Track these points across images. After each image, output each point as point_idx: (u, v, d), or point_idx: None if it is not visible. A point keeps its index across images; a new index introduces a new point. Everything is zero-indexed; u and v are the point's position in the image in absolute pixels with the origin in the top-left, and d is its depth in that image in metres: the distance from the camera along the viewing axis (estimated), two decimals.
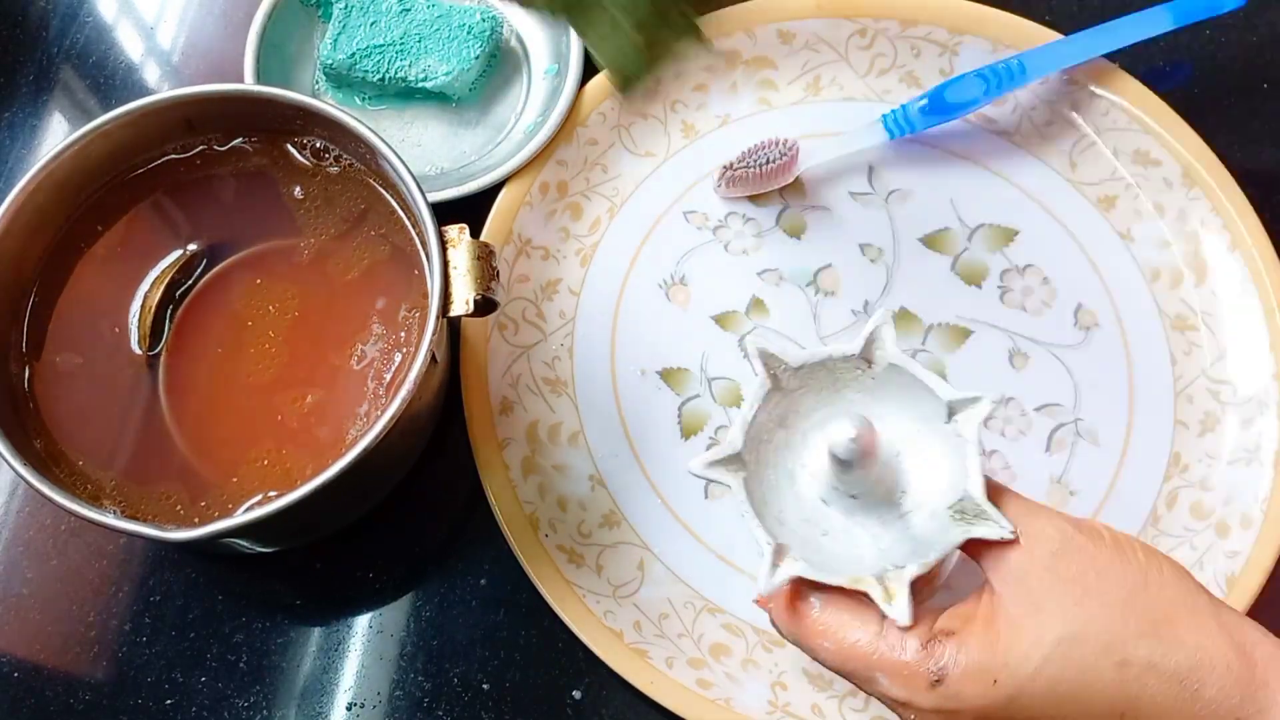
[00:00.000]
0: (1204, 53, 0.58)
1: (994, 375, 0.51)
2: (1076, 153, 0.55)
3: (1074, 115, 0.55)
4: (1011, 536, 0.35)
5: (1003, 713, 0.34)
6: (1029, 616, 0.34)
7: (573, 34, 0.56)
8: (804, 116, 0.57)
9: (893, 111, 0.54)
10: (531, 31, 0.59)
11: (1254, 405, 0.50)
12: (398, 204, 0.47)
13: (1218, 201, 0.52)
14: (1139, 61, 0.56)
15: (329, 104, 0.46)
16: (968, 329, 0.52)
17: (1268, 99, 0.57)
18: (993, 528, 0.35)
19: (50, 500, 0.40)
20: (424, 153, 0.57)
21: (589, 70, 0.56)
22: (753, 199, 0.55)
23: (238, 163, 0.48)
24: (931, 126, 0.54)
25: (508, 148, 0.56)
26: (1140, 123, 0.54)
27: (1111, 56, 0.55)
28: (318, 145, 0.48)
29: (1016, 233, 0.54)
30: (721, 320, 0.53)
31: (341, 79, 0.57)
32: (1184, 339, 0.52)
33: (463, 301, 0.43)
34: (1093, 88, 0.55)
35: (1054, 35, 0.56)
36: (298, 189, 0.48)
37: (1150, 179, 0.54)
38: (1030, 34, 0.56)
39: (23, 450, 0.41)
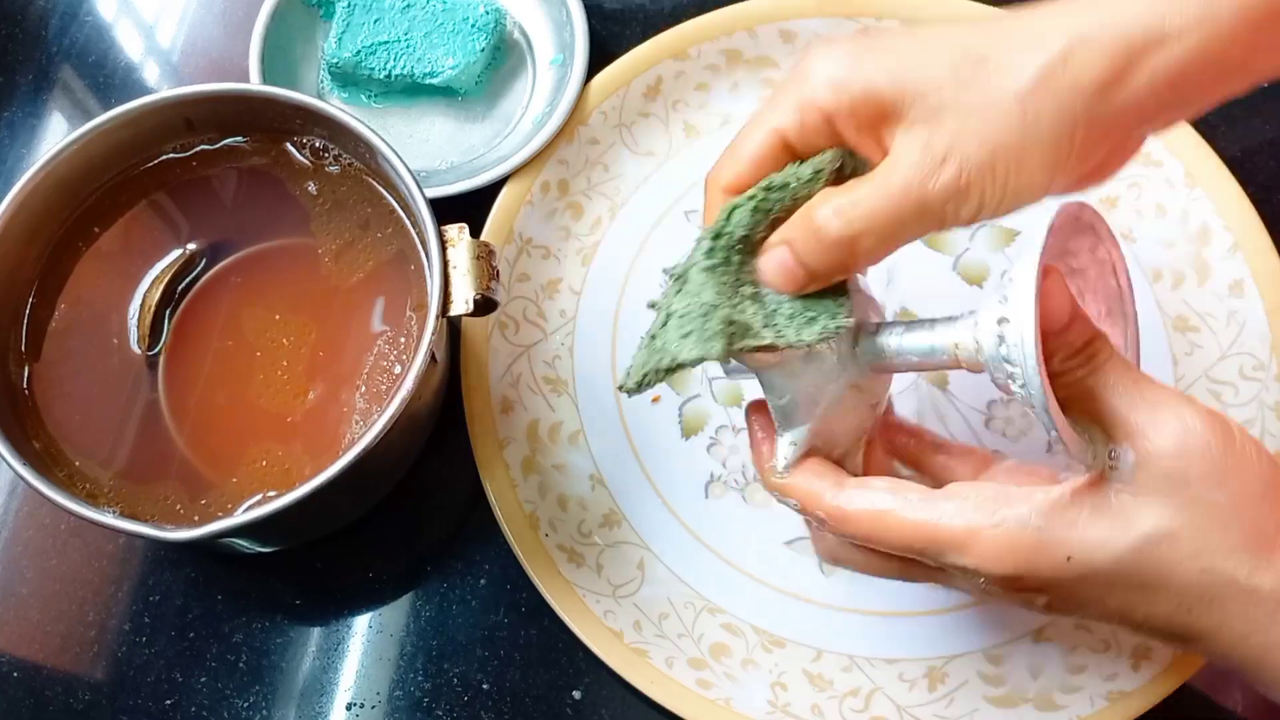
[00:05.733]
0: None
1: None
2: None
3: None
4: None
5: (1069, 589, 0.34)
6: (1128, 505, 0.33)
7: (576, 24, 0.56)
8: None
9: None
10: (535, 23, 0.59)
11: (1255, 406, 0.50)
12: (397, 203, 0.47)
13: (1219, 202, 0.52)
14: None
15: (328, 103, 0.46)
16: None
17: (1268, 99, 0.57)
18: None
19: (49, 500, 0.40)
20: (432, 148, 0.57)
21: (594, 59, 0.56)
22: None
23: (237, 162, 0.48)
24: None
25: (516, 140, 0.56)
26: None
27: None
28: (317, 145, 0.48)
29: (1017, 233, 0.54)
30: None
31: (347, 77, 0.57)
32: (1185, 339, 0.52)
33: (463, 301, 0.43)
34: None
35: None
36: (298, 189, 0.48)
37: (1152, 179, 0.54)
38: None
39: (22, 450, 0.41)
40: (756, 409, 0.41)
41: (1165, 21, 0.33)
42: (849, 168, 0.37)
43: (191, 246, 0.47)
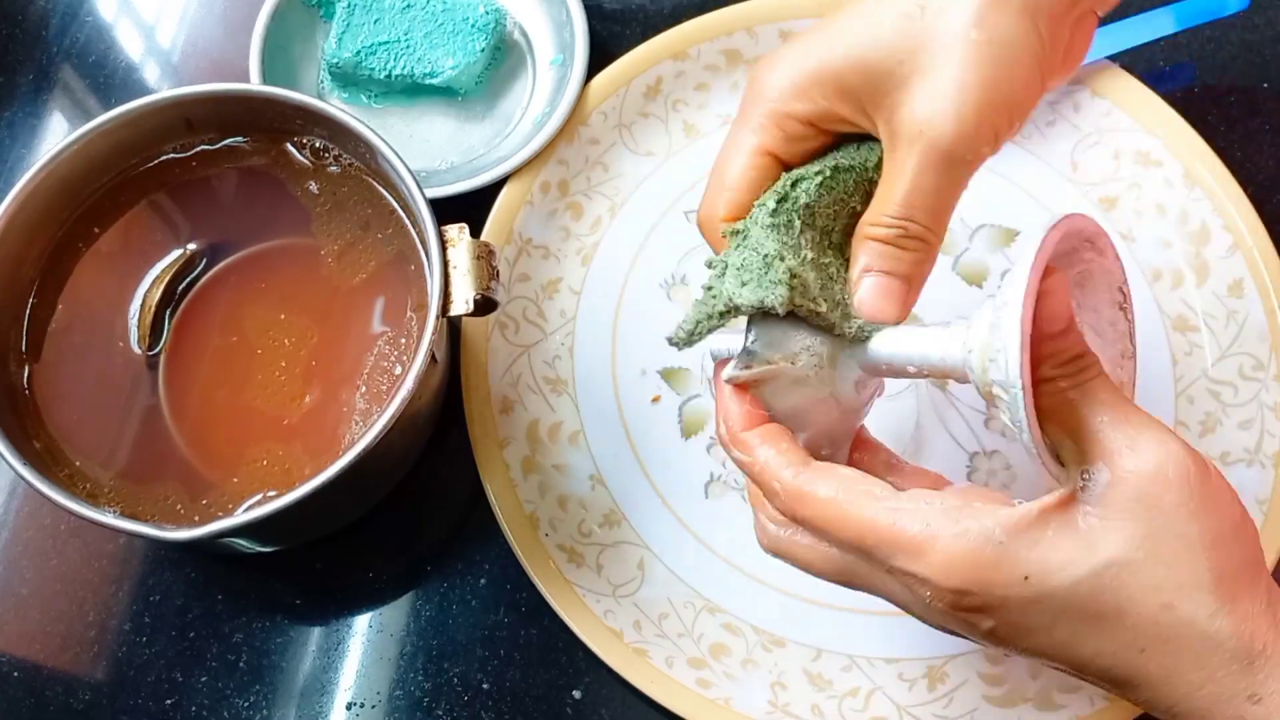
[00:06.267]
0: (1204, 53, 0.58)
1: None
2: (1078, 153, 0.55)
3: (1075, 116, 0.55)
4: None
5: (1019, 612, 0.32)
6: (1095, 528, 0.32)
7: (576, 24, 0.56)
8: None
9: None
10: (535, 23, 0.59)
11: (1254, 406, 0.50)
12: (398, 203, 0.47)
13: (1219, 202, 0.52)
14: (1140, 62, 0.56)
15: (328, 103, 0.46)
16: None
17: (1268, 99, 0.57)
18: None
19: (50, 500, 0.40)
20: (433, 148, 0.57)
21: (594, 59, 0.56)
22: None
23: (237, 162, 0.48)
24: None
25: (516, 140, 0.56)
26: (1141, 123, 0.54)
27: (1113, 57, 0.55)
28: (318, 145, 0.48)
29: (1017, 233, 0.54)
30: None
31: (347, 77, 0.57)
32: (1185, 340, 0.52)
33: (462, 301, 0.43)
34: (1094, 88, 0.55)
35: None
36: (298, 189, 0.48)
37: (1151, 179, 0.54)
38: None
39: (23, 450, 0.41)
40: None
41: None
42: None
43: (192, 246, 0.47)
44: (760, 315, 0.37)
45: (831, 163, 0.38)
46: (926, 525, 0.32)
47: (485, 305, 0.43)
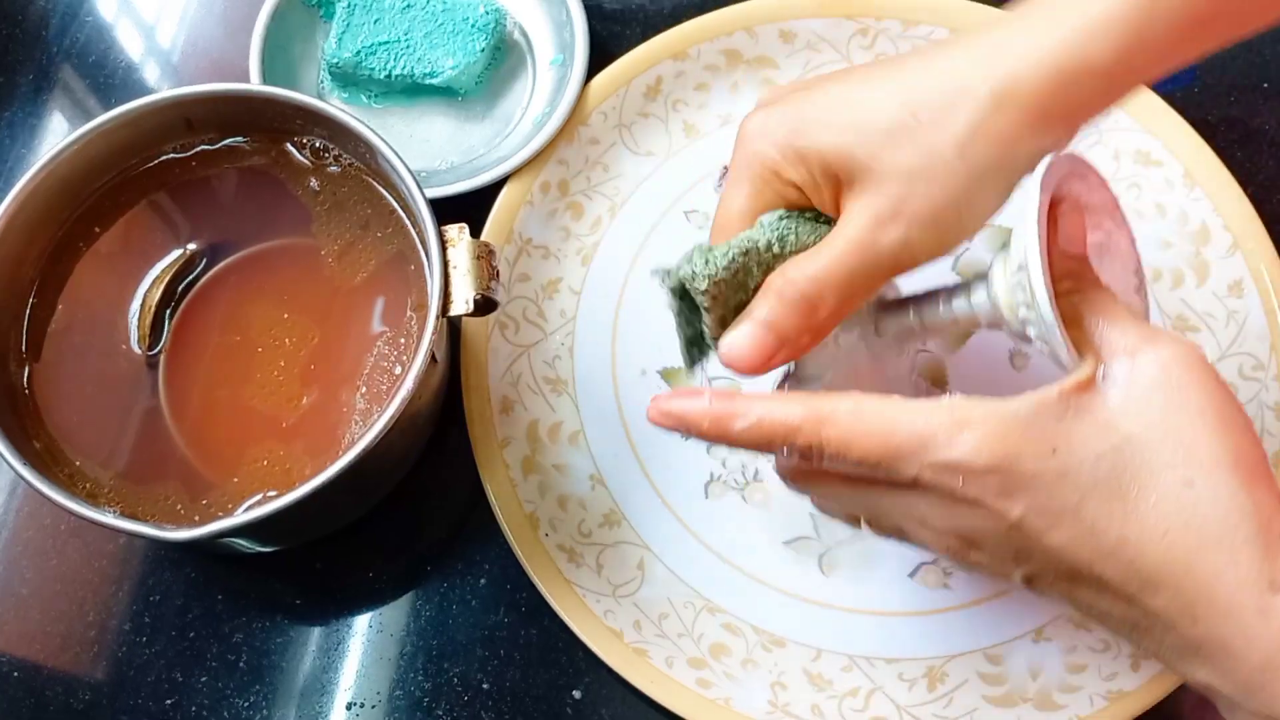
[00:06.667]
0: None
1: (995, 375, 0.51)
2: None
3: None
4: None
5: (1048, 489, 0.32)
6: (1116, 406, 0.32)
7: (576, 24, 0.56)
8: None
9: None
10: (535, 23, 0.59)
11: (1254, 406, 0.50)
12: (398, 203, 0.47)
13: (1219, 202, 0.52)
14: None
15: (328, 103, 0.46)
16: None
17: (1268, 99, 0.57)
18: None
19: (50, 500, 0.40)
20: (432, 148, 0.57)
21: (594, 59, 0.56)
22: None
23: (237, 162, 0.48)
24: None
25: (516, 140, 0.56)
26: (1141, 123, 0.54)
27: None
28: (317, 145, 0.48)
29: None
30: None
31: (347, 77, 0.57)
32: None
33: (462, 301, 0.43)
34: None
35: None
36: (298, 189, 0.48)
37: (1151, 180, 0.54)
38: None
39: (23, 450, 0.41)
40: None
41: (1087, 50, 0.34)
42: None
43: (192, 246, 0.47)
44: None
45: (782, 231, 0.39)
46: (953, 413, 0.33)
47: (485, 305, 0.43)
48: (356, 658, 0.49)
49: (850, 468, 0.35)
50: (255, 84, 0.54)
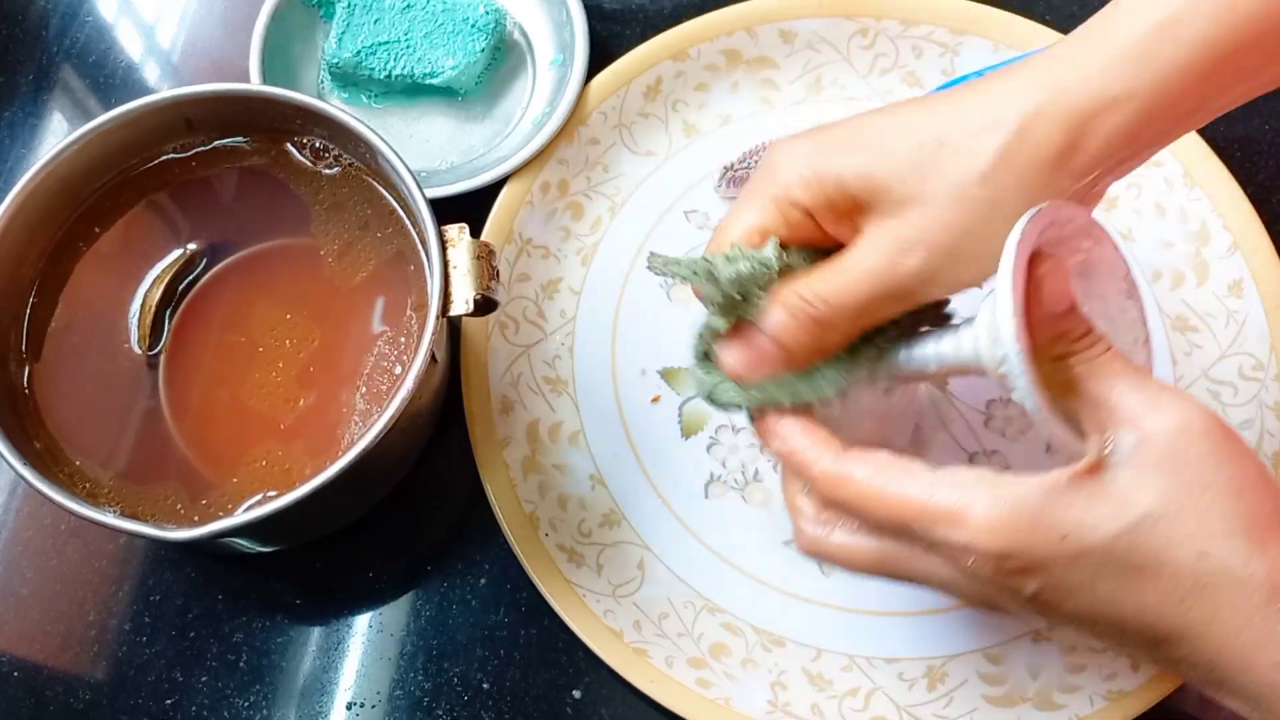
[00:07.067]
0: None
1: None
2: None
3: None
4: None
5: (1061, 571, 0.33)
6: (1126, 486, 0.33)
7: (576, 24, 0.56)
8: (805, 117, 0.57)
9: None
10: (535, 23, 0.59)
11: (1254, 406, 0.50)
12: (397, 203, 0.47)
13: (1219, 202, 0.52)
14: None
15: (328, 103, 0.46)
16: None
17: (1268, 98, 0.57)
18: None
19: (50, 500, 0.40)
20: (432, 148, 0.57)
21: (594, 59, 0.56)
22: None
23: (237, 162, 0.48)
24: None
25: (516, 140, 0.56)
26: None
27: None
28: (317, 145, 0.48)
29: None
30: None
31: (347, 77, 0.57)
32: (1185, 339, 0.52)
33: (463, 301, 0.43)
34: None
35: (1054, 35, 0.56)
36: (298, 189, 0.48)
37: (1151, 179, 0.54)
38: (1031, 34, 0.56)
39: (23, 450, 0.41)
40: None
41: (1113, 86, 0.34)
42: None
43: (192, 246, 0.47)
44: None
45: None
46: (963, 494, 0.34)
47: (485, 305, 0.43)
48: (356, 658, 0.49)
49: (870, 526, 0.36)
50: (255, 84, 0.54)
